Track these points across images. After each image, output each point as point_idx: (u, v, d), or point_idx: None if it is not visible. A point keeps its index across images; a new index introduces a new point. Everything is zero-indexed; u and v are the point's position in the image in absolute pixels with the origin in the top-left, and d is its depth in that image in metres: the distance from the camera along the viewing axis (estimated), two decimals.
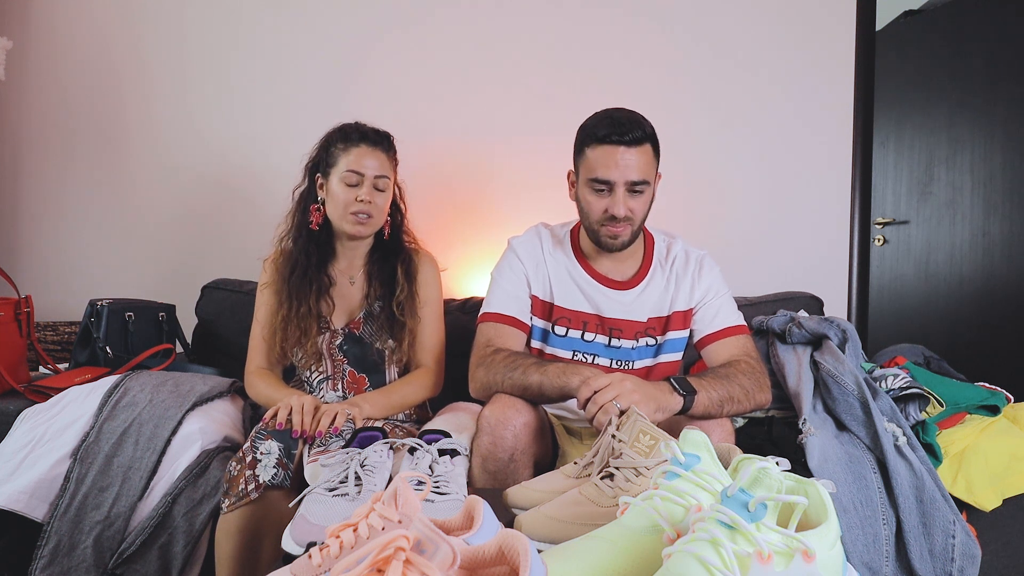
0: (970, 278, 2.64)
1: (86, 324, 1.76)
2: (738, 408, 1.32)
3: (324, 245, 1.59)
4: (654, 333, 1.50)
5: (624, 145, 1.34)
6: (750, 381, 1.35)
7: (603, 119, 1.38)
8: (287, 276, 1.55)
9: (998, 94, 2.56)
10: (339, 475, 1.01)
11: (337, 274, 1.61)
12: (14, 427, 1.46)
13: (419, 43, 2.26)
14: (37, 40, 2.36)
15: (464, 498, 0.98)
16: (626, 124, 1.35)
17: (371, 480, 1.01)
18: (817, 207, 2.19)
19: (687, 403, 1.25)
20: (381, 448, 1.07)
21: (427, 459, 1.03)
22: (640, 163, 1.36)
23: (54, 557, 1.31)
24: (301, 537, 0.91)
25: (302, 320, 1.52)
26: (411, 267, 1.60)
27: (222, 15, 2.31)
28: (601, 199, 1.40)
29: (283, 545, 0.93)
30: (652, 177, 1.41)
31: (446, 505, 0.96)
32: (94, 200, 2.35)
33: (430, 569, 0.47)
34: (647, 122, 1.39)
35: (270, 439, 1.26)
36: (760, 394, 1.36)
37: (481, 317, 1.50)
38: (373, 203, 1.51)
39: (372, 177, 1.50)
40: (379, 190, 1.52)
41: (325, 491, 0.99)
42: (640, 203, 1.40)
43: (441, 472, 1.02)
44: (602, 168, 1.36)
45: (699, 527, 0.57)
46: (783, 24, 2.18)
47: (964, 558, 1.18)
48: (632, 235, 1.43)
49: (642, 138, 1.35)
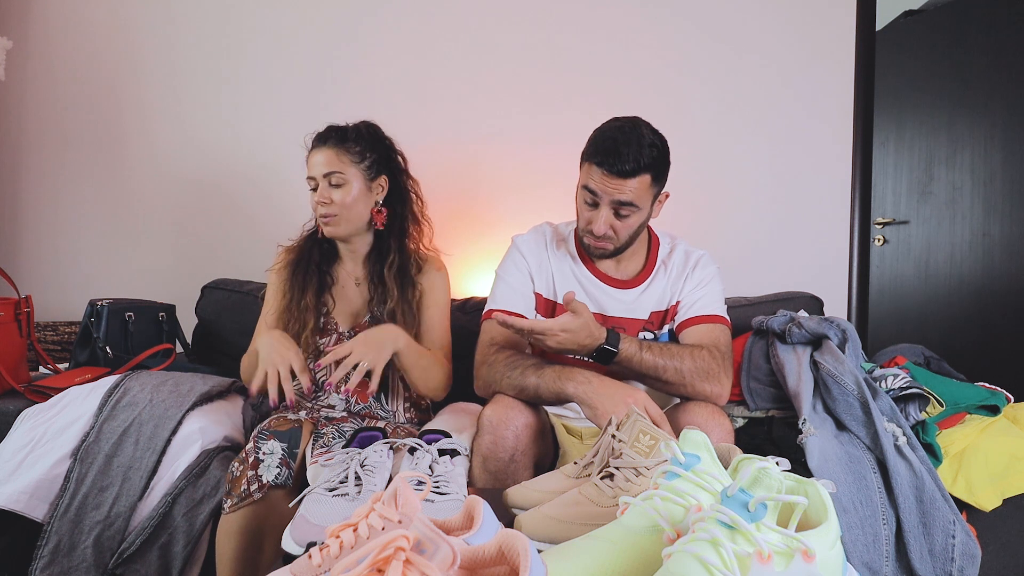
0: (970, 278, 2.64)
1: (86, 324, 1.76)
2: (670, 387, 1.33)
3: (330, 246, 1.63)
4: (652, 327, 1.51)
5: (615, 175, 1.33)
6: (695, 365, 1.32)
7: (605, 141, 1.34)
8: (293, 269, 1.58)
9: (998, 94, 2.56)
10: (339, 475, 1.01)
11: (344, 276, 1.62)
12: (14, 427, 1.46)
13: (418, 42, 2.26)
14: (37, 40, 2.36)
15: (464, 498, 0.98)
16: (623, 155, 1.31)
17: (371, 480, 1.01)
18: (817, 207, 2.19)
19: (610, 337, 1.28)
20: (381, 448, 1.07)
21: (427, 459, 1.03)
22: (630, 189, 1.34)
23: (54, 557, 1.31)
24: (301, 537, 0.91)
25: (301, 312, 1.54)
26: (408, 272, 1.56)
27: (219, 16, 2.31)
28: (587, 210, 1.40)
29: (283, 545, 0.94)
30: (646, 201, 1.38)
31: (446, 505, 0.96)
32: (94, 200, 2.36)
33: (430, 569, 0.47)
34: (650, 147, 1.34)
35: (273, 439, 1.28)
36: (704, 383, 1.32)
37: (485, 314, 1.50)
38: (333, 201, 1.51)
39: (321, 176, 1.51)
40: (335, 186, 1.51)
41: (325, 491, 0.99)
42: (625, 225, 1.39)
43: (441, 472, 1.02)
44: (592, 181, 1.37)
45: (699, 527, 0.57)
46: (783, 24, 2.18)
47: (964, 558, 1.18)
48: (616, 250, 1.43)
49: (635, 170, 1.32)
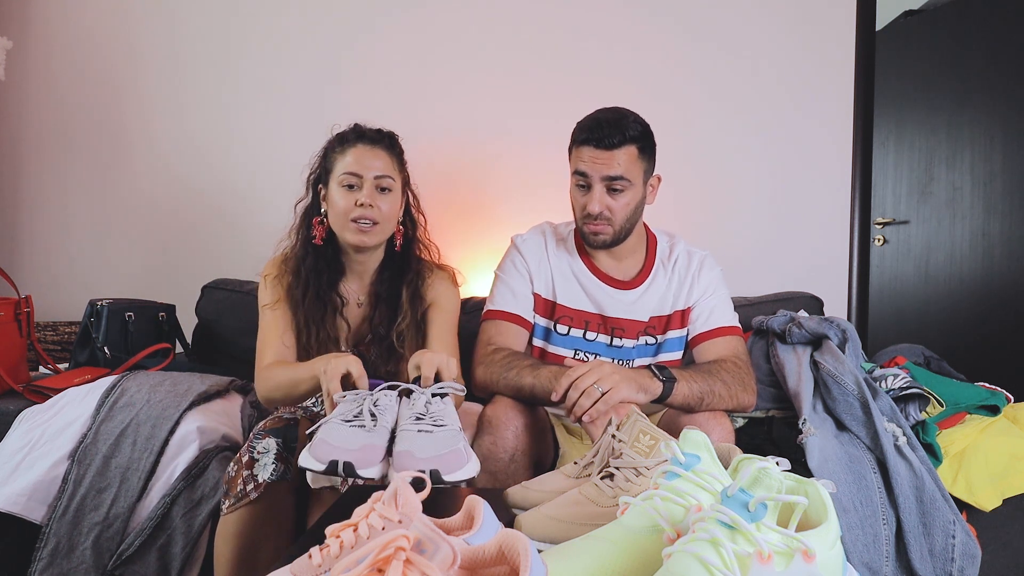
0: (970, 278, 2.64)
1: (86, 324, 1.76)
2: (718, 405, 1.32)
3: (332, 262, 1.45)
4: (654, 332, 1.50)
5: (603, 148, 1.35)
6: (733, 380, 1.35)
7: (588, 122, 1.39)
8: (300, 300, 1.40)
9: (998, 94, 2.56)
10: (353, 410, 1.03)
11: (348, 293, 1.48)
12: (12, 429, 1.46)
13: (419, 43, 2.26)
14: (37, 40, 2.36)
15: (459, 429, 1.01)
16: (606, 128, 1.34)
17: (384, 418, 1.02)
18: (817, 207, 2.19)
19: (667, 389, 1.26)
20: (390, 393, 1.09)
21: (423, 399, 1.07)
22: (619, 162, 1.35)
23: (53, 559, 1.31)
24: (323, 456, 0.92)
25: (322, 347, 1.39)
26: (419, 289, 1.46)
27: (220, 16, 2.31)
28: (581, 195, 1.41)
29: (301, 462, 0.93)
30: (636, 176, 1.39)
31: (443, 434, 0.98)
32: (94, 200, 2.35)
33: (430, 569, 0.47)
34: (634, 123, 1.37)
35: (268, 437, 1.25)
36: (743, 395, 1.35)
37: (484, 315, 1.50)
38: (376, 207, 1.36)
39: (372, 178, 1.37)
40: (383, 192, 1.38)
41: (341, 422, 1.01)
42: (620, 202, 1.39)
43: (436, 410, 1.05)
44: (581, 163, 1.38)
45: (699, 527, 0.57)
46: (783, 24, 2.18)
47: (964, 558, 1.18)
48: (615, 235, 1.42)
49: (622, 141, 1.34)
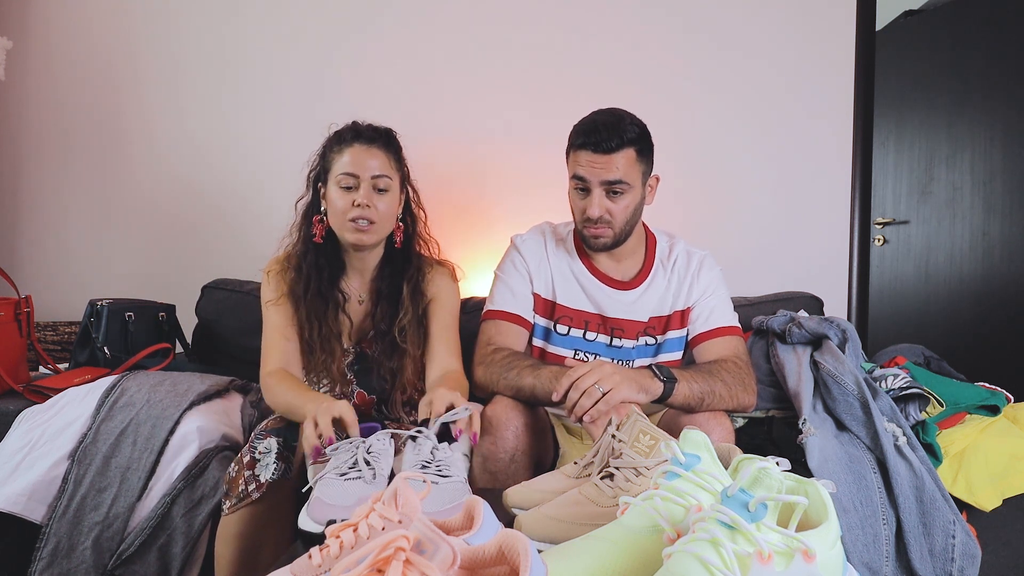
0: (970, 278, 2.64)
1: (86, 324, 1.76)
2: (719, 405, 1.32)
3: (333, 259, 1.46)
4: (654, 332, 1.50)
5: (601, 153, 1.34)
6: (734, 380, 1.34)
7: (585, 125, 1.38)
8: (302, 296, 1.41)
9: (998, 94, 2.55)
10: (347, 462, 1.03)
11: (350, 290, 1.49)
12: (12, 429, 1.46)
13: (419, 42, 2.26)
14: (37, 40, 2.36)
15: (465, 480, 1.01)
16: (603, 132, 1.34)
17: (379, 465, 1.02)
18: (817, 207, 2.19)
19: (667, 389, 1.26)
20: (383, 436, 1.09)
21: (428, 445, 1.06)
22: (617, 165, 1.35)
23: (53, 559, 1.31)
24: (320, 516, 0.91)
25: (325, 342, 1.41)
26: (420, 285, 1.47)
27: (219, 16, 2.31)
28: (581, 199, 1.40)
29: (300, 525, 0.92)
30: (635, 178, 1.39)
31: (450, 486, 0.98)
32: (94, 200, 2.35)
33: (430, 569, 0.47)
34: (631, 125, 1.37)
35: (269, 437, 1.25)
36: (744, 395, 1.35)
37: (484, 315, 1.50)
38: (373, 207, 1.36)
39: (369, 178, 1.36)
40: (380, 191, 1.38)
41: (336, 476, 1.00)
42: (620, 205, 1.38)
43: (442, 458, 1.05)
44: (579, 167, 1.37)
45: (699, 527, 0.57)
46: (783, 24, 2.18)
47: (964, 558, 1.18)
48: (616, 237, 1.42)
49: (620, 145, 1.34)
